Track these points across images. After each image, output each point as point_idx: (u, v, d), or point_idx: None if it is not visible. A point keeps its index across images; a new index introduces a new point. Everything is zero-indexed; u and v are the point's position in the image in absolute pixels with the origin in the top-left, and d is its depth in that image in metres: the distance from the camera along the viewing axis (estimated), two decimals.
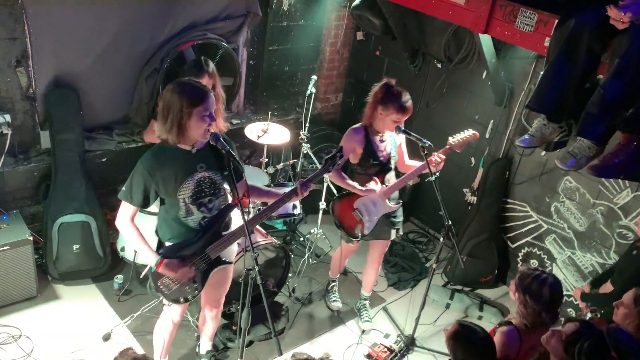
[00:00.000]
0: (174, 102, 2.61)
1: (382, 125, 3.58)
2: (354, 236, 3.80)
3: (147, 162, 2.72)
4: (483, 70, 4.63)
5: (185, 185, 2.76)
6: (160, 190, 2.77)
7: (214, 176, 2.85)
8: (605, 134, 2.77)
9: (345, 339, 4.11)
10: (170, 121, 2.63)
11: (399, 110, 3.47)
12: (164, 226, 2.92)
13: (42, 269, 4.11)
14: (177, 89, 2.64)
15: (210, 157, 2.83)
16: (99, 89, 4.30)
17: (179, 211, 2.81)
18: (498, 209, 4.80)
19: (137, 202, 2.75)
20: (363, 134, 3.60)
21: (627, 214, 4.03)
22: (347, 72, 5.96)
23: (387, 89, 3.51)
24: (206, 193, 2.84)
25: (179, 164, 2.74)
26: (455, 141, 3.60)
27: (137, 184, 2.73)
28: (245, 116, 5.41)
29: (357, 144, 3.60)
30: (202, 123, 2.65)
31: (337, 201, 3.83)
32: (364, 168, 3.68)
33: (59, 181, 4.02)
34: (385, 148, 3.68)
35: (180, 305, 3.05)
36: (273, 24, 5.16)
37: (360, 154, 3.63)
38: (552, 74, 2.93)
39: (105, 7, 3.99)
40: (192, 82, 2.72)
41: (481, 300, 4.64)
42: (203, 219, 2.86)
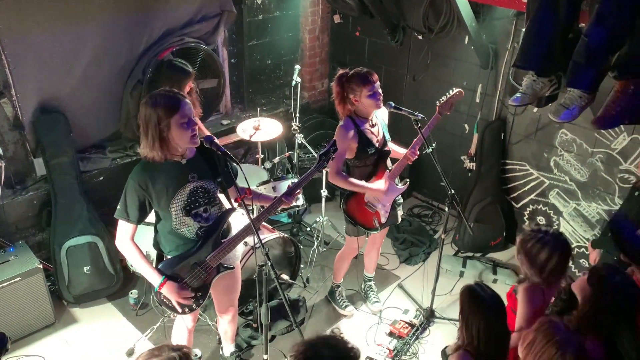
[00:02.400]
0: (150, 117, 2.55)
1: (365, 108, 3.45)
2: (373, 229, 3.73)
3: (137, 176, 2.67)
4: (464, 35, 4.61)
5: (177, 197, 2.72)
6: (153, 203, 2.73)
7: (207, 185, 2.80)
8: (594, 82, 2.77)
9: (366, 320, 4.13)
10: (152, 136, 2.57)
11: (364, 82, 3.33)
12: (161, 239, 2.90)
13: (57, 295, 4.11)
14: (149, 102, 2.57)
15: (202, 165, 2.79)
16: (86, 109, 4.28)
17: (172, 223, 2.77)
18: (498, 172, 4.81)
19: (134, 218, 2.72)
20: (353, 127, 3.45)
21: (626, 158, 4.04)
22: (330, 57, 5.93)
23: (343, 78, 3.41)
24: (200, 203, 2.79)
25: (169, 176, 2.69)
26: (442, 103, 3.54)
27: (131, 200, 2.69)
28: (234, 115, 5.40)
29: (351, 140, 3.45)
30: (183, 131, 2.59)
31: (347, 200, 3.69)
32: (362, 161, 3.56)
33: (60, 206, 4.02)
34: (378, 132, 3.58)
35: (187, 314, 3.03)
36: (249, 19, 5.13)
37: (355, 148, 3.50)
38: (534, 28, 2.92)
39: (80, 26, 3.96)
40: (163, 92, 2.64)
41: (494, 263, 4.67)
42: (200, 228, 2.83)
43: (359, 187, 3.56)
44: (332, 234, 4.94)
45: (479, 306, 2.44)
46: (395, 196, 3.72)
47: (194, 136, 2.64)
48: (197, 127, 2.66)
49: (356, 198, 3.67)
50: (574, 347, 2.02)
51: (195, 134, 2.65)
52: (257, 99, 5.54)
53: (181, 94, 2.67)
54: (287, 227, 5.06)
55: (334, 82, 3.47)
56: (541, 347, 2.05)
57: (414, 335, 3.93)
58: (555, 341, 2.03)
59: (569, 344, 2.02)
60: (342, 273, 4.14)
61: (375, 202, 3.67)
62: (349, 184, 3.53)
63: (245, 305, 3.98)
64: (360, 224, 3.71)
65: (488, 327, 2.42)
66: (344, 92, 3.42)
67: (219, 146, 2.73)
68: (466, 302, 2.49)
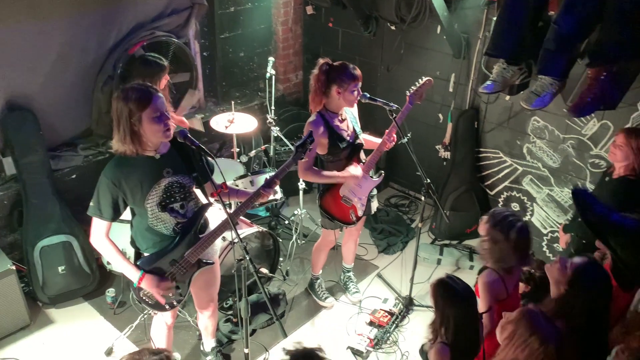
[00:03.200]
0: (121, 110, 2.51)
1: (339, 104, 3.43)
2: (350, 223, 3.74)
3: (110, 172, 2.63)
4: (437, 25, 4.64)
5: (152, 193, 2.68)
6: (128, 200, 2.69)
7: (182, 179, 2.77)
8: (565, 68, 2.82)
9: (345, 311, 4.16)
10: (123, 130, 2.53)
11: (353, 78, 3.34)
12: (138, 237, 2.85)
13: (31, 296, 4.03)
14: (121, 95, 2.54)
15: (177, 160, 2.75)
16: (56, 106, 4.19)
17: (148, 219, 2.74)
18: (472, 160, 4.87)
19: (108, 215, 2.68)
20: (322, 122, 3.42)
21: (597, 144, 4.13)
22: (304, 49, 5.91)
23: (331, 68, 3.37)
24: (176, 198, 2.76)
25: (143, 172, 2.65)
26: (413, 92, 3.55)
27: (104, 197, 2.65)
28: (208, 109, 5.34)
29: (321, 136, 3.41)
30: (155, 125, 2.55)
31: (322, 196, 3.68)
32: (335, 155, 3.54)
33: (32, 205, 3.93)
34: (348, 127, 3.56)
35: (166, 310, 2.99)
36: (220, 12, 5.07)
37: (327, 144, 3.47)
38: (505, 17, 2.96)
39: (46, 21, 3.86)
40: (136, 85, 2.60)
41: (470, 250, 4.74)
42: (177, 224, 2.79)
43: (332, 178, 3.55)
44: (310, 227, 4.94)
45: (454, 298, 2.48)
46: (371, 188, 3.73)
47: (167, 130, 2.60)
48: (170, 121, 2.62)
49: (331, 193, 3.66)
50: (556, 340, 2.06)
51: (169, 127, 2.61)
52: (231, 92, 5.50)
53: (154, 88, 2.63)
54: (265, 220, 5.05)
55: (316, 70, 3.39)
56: (523, 340, 2.08)
57: (394, 324, 3.96)
58: (538, 335, 2.06)
59: (551, 337, 2.06)
60: (320, 265, 4.15)
61: (351, 196, 3.66)
62: (321, 177, 3.53)
63: (224, 300, 3.96)
64: (337, 218, 3.71)
65: (464, 317, 2.46)
66: (328, 82, 3.38)
67: (193, 140, 2.69)
68: (440, 295, 2.52)
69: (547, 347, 2.02)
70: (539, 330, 2.07)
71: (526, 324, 2.11)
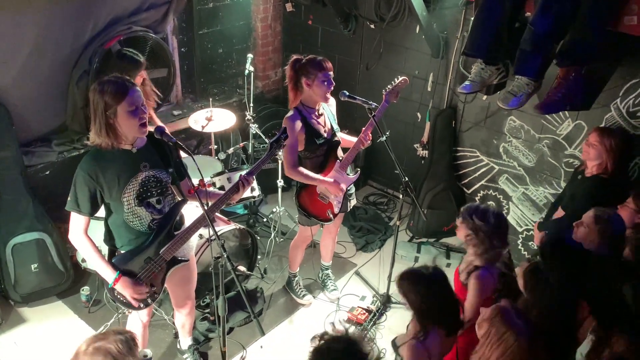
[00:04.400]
0: (97, 103, 2.49)
1: (314, 96, 3.41)
2: (326, 220, 3.75)
3: (86, 165, 2.60)
4: (416, 25, 4.67)
5: (129, 186, 2.65)
6: (105, 194, 2.65)
7: (159, 174, 2.74)
8: (541, 69, 2.87)
9: (323, 309, 4.16)
10: (99, 123, 2.51)
11: (320, 68, 3.32)
12: (113, 234, 2.81)
13: (3, 295, 3.96)
14: (97, 88, 2.51)
15: (154, 154, 2.73)
16: (29, 100, 4.10)
17: (124, 215, 2.70)
18: (450, 159, 4.91)
19: (86, 210, 2.64)
20: (299, 118, 3.41)
21: (571, 143, 4.20)
22: (283, 46, 5.89)
23: (298, 62, 3.39)
24: (152, 193, 2.74)
25: (120, 165, 2.62)
26: (389, 91, 3.57)
27: (81, 191, 2.61)
28: (186, 106, 5.28)
29: (298, 132, 3.41)
30: (130, 119, 2.53)
31: (299, 193, 3.70)
32: (311, 152, 3.53)
33: (4, 202, 3.84)
34: (325, 122, 3.55)
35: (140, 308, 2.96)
36: (199, 7, 5.02)
37: (304, 140, 3.46)
38: (482, 18, 2.99)
39: (19, 13, 3.78)
40: (113, 78, 2.57)
41: (447, 248, 4.78)
42: (152, 220, 2.77)
43: (315, 181, 3.56)
44: (289, 224, 4.94)
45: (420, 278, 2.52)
46: (347, 185, 3.74)
47: (143, 125, 2.58)
48: (146, 115, 2.60)
49: (308, 190, 3.67)
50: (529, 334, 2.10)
51: (145, 122, 2.59)
52: (209, 88, 5.45)
53: (130, 81, 2.60)
54: (243, 218, 5.03)
55: (287, 66, 3.44)
56: (498, 337, 2.12)
57: (372, 321, 3.98)
58: (512, 331, 2.10)
59: (524, 331, 2.10)
60: (298, 262, 4.15)
61: (328, 193, 3.67)
62: (305, 177, 3.52)
63: (202, 298, 3.93)
64: (314, 215, 3.72)
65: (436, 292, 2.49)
66: (297, 76, 3.40)
67: (170, 137, 2.66)
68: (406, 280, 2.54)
69: (521, 341, 2.06)
70: (512, 325, 2.11)
71: (500, 320, 2.15)
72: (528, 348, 2.05)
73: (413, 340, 2.47)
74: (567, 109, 3.03)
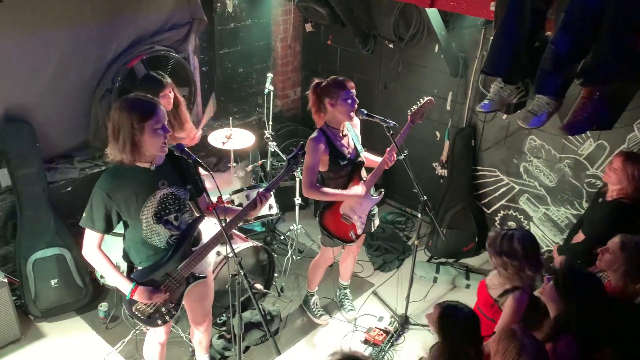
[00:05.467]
0: (123, 120, 2.51)
1: (338, 116, 3.41)
2: (349, 241, 3.72)
3: (104, 184, 2.62)
4: (435, 44, 4.68)
5: (147, 204, 2.67)
6: (122, 212, 2.67)
7: (177, 191, 2.76)
8: (561, 88, 2.83)
9: (340, 329, 4.11)
10: (123, 140, 2.53)
11: (342, 87, 3.34)
12: (131, 250, 2.82)
13: (22, 310, 3.99)
14: (124, 105, 2.54)
15: (171, 172, 2.75)
16: (53, 118, 4.19)
17: (142, 232, 2.72)
18: (469, 178, 4.87)
19: (100, 227, 2.66)
20: (324, 139, 3.43)
21: (593, 163, 4.14)
22: (302, 66, 5.94)
23: (319, 85, 3.42)
24: (171, 210, 2.75)
25: (138, 183, 2.64)
26: (414, 112, 3.57)
27: (97, 209, 2.62)
28: (206, 124, 5.33)
29: (322, 153, 3.42)
30: (156, 137, 2.56)
31: (323, 214, 3.67)
32: (335, 172, 3.54)
33: (26, 217, 3.91)
34: (349, 143, 3.56)
35: (159, 327, 2.97)
36: (220, 28, 5.10)
37: (327, 160, 3.47)
38: (501, 36, 2.98)
39: (46, 33, 3.88)
40: (138, 97, 2.62)
41: (467, 269, 4.71)
42: (171, 237, 2.78)
43: (335, 196, 3.54)
44: (306, 242, 4.92)
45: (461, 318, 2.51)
46: (371, 206, 3.72)
47: (164, 144, 2.61)
48: (169, 134, 2.64)
49: (332, 211, 3.65)
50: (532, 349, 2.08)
51: (166, 142, 2.62)
52: (229, 107, 5.51)
53: (156, 100, 2.65)
54: (260, 235, 5.03)
55: (309, 91, 3.47)
56: (503, 353, 2.15)
57: (389, 342, 3.92)
58: (514, 345, 2.12)
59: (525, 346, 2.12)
60: (317, 282, 4.12)
61: (351, 214, 3.65)
62: (324, 194, 3.50)
63: (218, 316, 3.92)
64: (337, 236, 3.69)
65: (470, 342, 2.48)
66: (319, 98, 3.42)
67: (190, 154, 2.69)
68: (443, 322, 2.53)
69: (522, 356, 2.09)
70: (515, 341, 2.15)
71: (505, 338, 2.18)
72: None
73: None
74: (594, 128, 2.98)
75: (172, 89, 3.69)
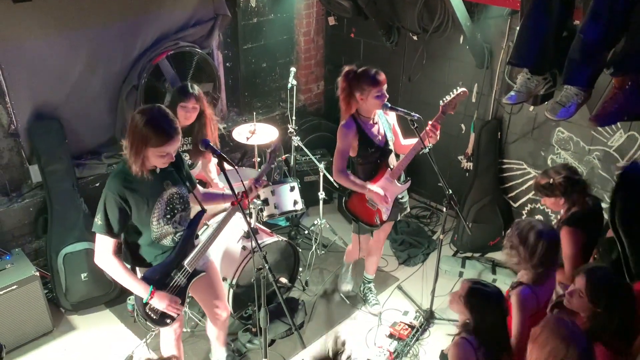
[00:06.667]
0: (138, 131, 2.52)
1: (368, 108, 3.48)
2: (374, 226, 3.76)
3: (115, 187, 2.60)
4: (459, 35, 4.61)
5: (157, 207, 2.70)
6: (133, 216, 2.67)
7: (180, 190, 2.81)
8: (591, 78, 2.76)
9: (365, 323, 4.11)
10: (135, 148, 2.54)
11: (374, 83, 3.36)
12: (140, 252, 2.83)
13: (54, 303, 4.09)
14: (144, 119, 2.52)
15: (172, 171, 2.79)
16: (81, 115, 4.27)
17: (152, 234, 2.74)
18: (495, 171, 4.80)
19: (118, 231, 2.65)
20: (354, 125, 3.49)
21: (623, 155, 4.04)
22: (325, 59, 5.93)
23: (352, 75, 3.41)
24: (178, 209, 2.80)
25: (146, 187, 2.67)
26: (446, 103, 3.53)
27: (112, 212, 2.61)
28: (230, 119, 5.38)
29: (352, 138, 3.50)
30: (158, 160, 2.60)
31: (349, 198, 3.74)
32: (364, 158, 3.61)
33: (56, 213, 4.00)
34: (379, 131, 3.60)
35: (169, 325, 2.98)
36: (244, 23, 5.12)
37: (357, 146, 3.54)
38: (528, 26, 2.92)
39: (73, 32, 3.96)
40: (159, 115, 2.57)
41: (493, 263, 4.65)
42: (176, 234, 2.83)
43: (359, 187, 3.58)
44: (330, 237, 4.92)
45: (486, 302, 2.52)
46: (397, 193, 3.72)
47: (166, 163, 2.65)
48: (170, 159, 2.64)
49: (358, 195, 3.69)
50: (580, 343, 2.03)
51: (167, 162, 2.65)
52: (253, 102, 5.53)
53: (176, 125, 2.60)
54: (285, 230, 5.05)
55: (340, 78, 3.46)
56: (545, 337, 2.09)
57: (414, 337, 3.91)
58: (560, 334, 2.06)
59: (574, 338, 2.05)
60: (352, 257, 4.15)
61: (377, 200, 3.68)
62: (349, 182, 3.56)
63: (244, 309, 3.96)
64: (362, 220, 3.73)
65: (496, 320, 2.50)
66: (350, 89, 3.43)
67: (215, 149, 2.73)
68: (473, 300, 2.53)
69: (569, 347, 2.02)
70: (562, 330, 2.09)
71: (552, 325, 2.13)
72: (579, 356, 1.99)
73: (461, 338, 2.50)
74: (625, 119, 2.90)
75: (196, 102, 3.53)
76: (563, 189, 3.09)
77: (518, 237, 2.71)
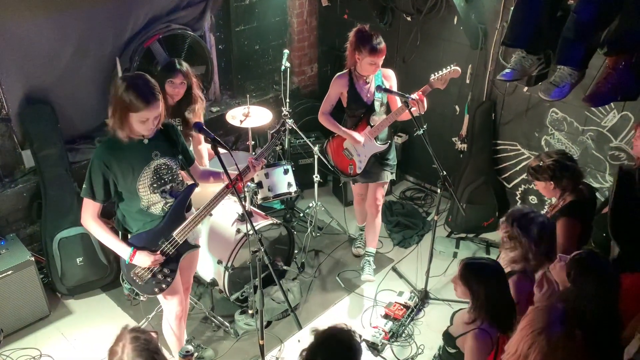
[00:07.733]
0: (118, 100, 2.57)
1: (362, 69, 3.71)
2: (347, 175, 4.07)
3: (101, 155, 2.69)
4: (453, 16, 4.58)
5: (143, 175, 2.75)
6: (119, 183, 2.75)
7: (169, 162, 2.85)
8: (584, 58, 2.77)
9: (360, 304, 4.15)
10: (118, 116, 2.59)
11: (371, 53, 3.57)
12: (127, 218, 2.90)
13: (50, 287, 4.09)
14: (125, 85, 2.56)
15: (163, 143, 2.83)
16: (73, 99, 4.23)
17: (140, 202, 2.80)
18: (489, 152, 4.81)
19: (100, 197, 2.74)
20: (347, 78, 3.80)
21: (617, 135, 4.05)
22: (319, 41, 5.88)
23: (359, 35, 3.62)
24: (165, 180, 2.84)
25: (133, 155, 2.72)
26: (437, 78, 3.63)
27: (96, 179, 2.70)
28: (223, 102, 5.35)
29: (342, 88, 3.83)
30: (141, 126, 2.63)
31: (328, 142, 4.14)
32: (351, 110, 3.90)
33: (50, 197, 3.98)
34: (369, 90, 3.81)
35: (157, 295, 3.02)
36: (236, 4, 5.06)
37: (346, 99, 3.84)
38: (523, 6, 2.91)
39: (62, 14, 3.89)
40: (141, 81, 2.61)
41: (487, 243, 4.69)
42: (166, 204, 2.87)
43: (338, 130, 3.91)
44: (325, 219, 4.94)
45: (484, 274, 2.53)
46: (372, 152, 3.92)
47: (150, 129, 2.68)
48: (155, 127, 2.68)
49: (336, 141, 4.07)
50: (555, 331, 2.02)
51: (153, 129, 2.68)
52: (246, 85, 5.50)
53: (153, 92, 2.61)
54: (280, 213, 5.06)
55: (351, 32, 3.67)
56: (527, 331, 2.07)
57: (409, 317, 3.95)
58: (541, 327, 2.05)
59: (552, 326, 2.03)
60: (361, 219, 4.52)
61: (352, 151, 3.98)
62: (330, 123, 3.91)
63: (241, 291, 3.98)
64: (335, 166, 4.12)
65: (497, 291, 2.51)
66: (355, 44, 3.65)
67: (209, 132, 2.73)
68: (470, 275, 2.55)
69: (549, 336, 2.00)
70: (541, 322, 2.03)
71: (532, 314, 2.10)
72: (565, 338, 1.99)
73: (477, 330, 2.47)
74: (618, 99, 2.91)
75: (184, 78, 3.55)
76: (552, 172, 3.09)
77: (518, 229, 2.70)
